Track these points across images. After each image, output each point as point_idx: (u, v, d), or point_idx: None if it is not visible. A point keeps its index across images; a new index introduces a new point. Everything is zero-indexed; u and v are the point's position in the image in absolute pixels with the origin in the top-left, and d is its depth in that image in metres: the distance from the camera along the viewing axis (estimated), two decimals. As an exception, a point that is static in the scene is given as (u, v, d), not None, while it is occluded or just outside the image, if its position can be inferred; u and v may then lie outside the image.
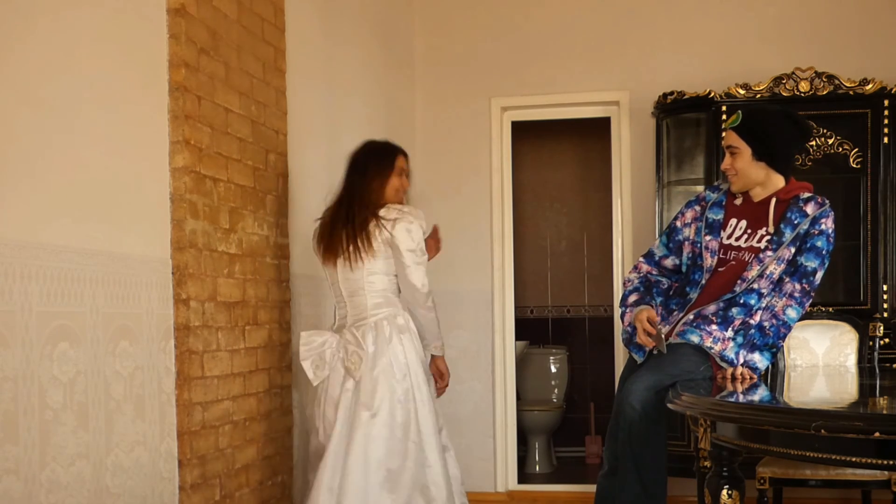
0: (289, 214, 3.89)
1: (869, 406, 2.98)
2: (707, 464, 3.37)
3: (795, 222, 3.31)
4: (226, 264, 3.36)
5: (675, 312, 3.45)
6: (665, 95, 5.19)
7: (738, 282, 3.33)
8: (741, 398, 2.91)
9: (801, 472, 3.93)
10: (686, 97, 5.10)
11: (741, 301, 3.33)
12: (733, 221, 3.40)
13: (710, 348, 3.31)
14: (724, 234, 3.40)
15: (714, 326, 3.33)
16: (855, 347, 4.32)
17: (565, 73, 5.66)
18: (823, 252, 3.32)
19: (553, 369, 7.05)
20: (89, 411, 2.64)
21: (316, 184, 4.00)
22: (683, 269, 3.52)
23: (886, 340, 4.68)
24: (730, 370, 3.28)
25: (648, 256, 3.65)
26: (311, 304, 4.14)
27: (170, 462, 3.04)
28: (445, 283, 5.77)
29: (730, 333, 3.32)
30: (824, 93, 4.96)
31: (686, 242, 3.49)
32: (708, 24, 5.51)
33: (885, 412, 2.70)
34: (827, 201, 3.38)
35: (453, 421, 5.44)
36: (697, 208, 3.52)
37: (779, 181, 3.37)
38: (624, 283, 3.67)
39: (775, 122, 3.35)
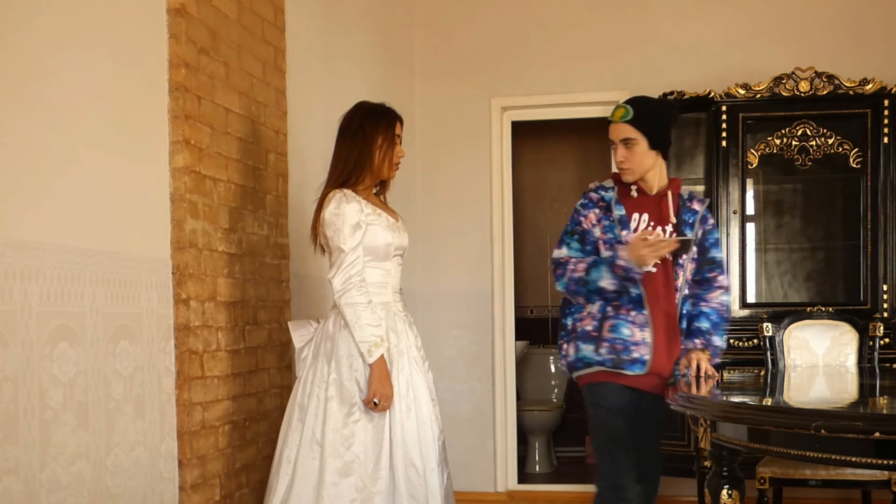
0: (289, 214, 3.89)
1: (869, 406, 2.98)
2: (707, 464, 3.37)
3: (690, 221, 3.40)
4: (226, 264, 3.36)
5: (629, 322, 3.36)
6: (665, 95, 5.18)
7: (675, 293, 3.36)
8: (748, 401, 2.91)
9: (801, 472, 3.93)
10: (686, 97, 5.10)
11: (683, 311, 3.39)
12: (636, 216, 3.39)
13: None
14: (631, 229, 3.36)
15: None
16: (855, 347, 4.32)
17: (565, 73, 5.66)
18: (720, 242, 3.52)
19: (553, 369, 7.04)
20: (89, 411, 2.64)
21: (315, 184, 4.00)
22: None
23: (886, 340, 4.68)
24: (704, 364, 3.25)
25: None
26: (311, 304, 4.14)
27: (170, 462, 3.04)
28: (445, 283, 5.78)
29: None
30: (824, 93, 4.96)
31: (599, 242, 3.39)
32: (708, 24, 5.51)
33: (885, 412, 2.71)
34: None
35: (453, 421, 5.45)
36: (597, 210, 3.40)
37: (664, 168, 3.44)
38: (560, 262, 3.43)
39: (664, 110, 3.46)
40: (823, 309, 4.56)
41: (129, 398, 2.83)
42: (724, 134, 5.03)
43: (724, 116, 5.01)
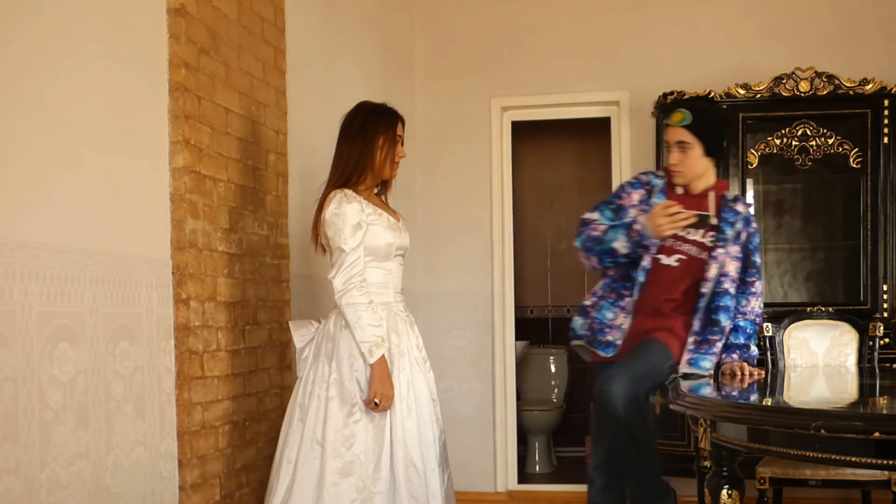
0: (289, 214, 3.89)
1: (869, 406, 2.98)
2: (707, 464, 3.37)
3: (731, 221, 3.44)
4: (226, 264, 3.36)
5: (617, 311, 3.48)
6: (665, 95, 5.19)
7: (703, 282, 3.40)
8: (748, 399, 2.91)
9: (801, 472, 3.93)
10: (686, 97, 5.10)
11: (721, 304, 3.40)
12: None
13: (710, 369, 3.42)
14: None
15: (717, 346, 3.43)
16: (855, 347, 4.32)
17: (565, 73, 5.66)
18: (759, 247, 3.58)
19: (553, 369, 7.05)
20: (89, 411, 2.64)
21: (315, 184, 4.00)
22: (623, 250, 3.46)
23: (886, 340, 4.68)
24: (747, 368, 3.44)
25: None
26: (311, 304, 4.14)
27: (170, 462, 3.04)
28: (445, 283, 5.78)
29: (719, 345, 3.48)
30: (824, 93, 4.96)
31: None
32: (708, 24, 5.51)
33: (885, 412, 2.71)
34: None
35: (453, 421, 5.44)
36: (643, 191, 3.51)
37: (712, 175, 3.50)
38: (586, 222, 3.51)
39: (721, 119, 3.58)
40: (823, 309, 4.56)
41: (129, 398, 2.83)
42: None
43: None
